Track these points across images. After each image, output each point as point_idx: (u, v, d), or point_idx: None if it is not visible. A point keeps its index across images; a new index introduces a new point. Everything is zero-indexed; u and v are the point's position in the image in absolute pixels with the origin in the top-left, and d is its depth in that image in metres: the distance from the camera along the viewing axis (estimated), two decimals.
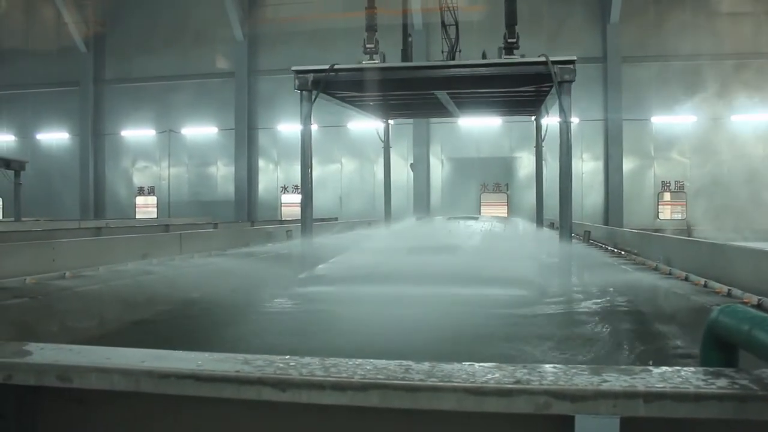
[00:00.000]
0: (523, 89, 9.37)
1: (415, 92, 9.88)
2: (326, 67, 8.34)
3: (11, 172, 20.54)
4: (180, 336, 5.17)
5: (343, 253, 9.32)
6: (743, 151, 22.23)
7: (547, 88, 8.79)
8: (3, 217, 25.36)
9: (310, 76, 8.40)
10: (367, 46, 9.21)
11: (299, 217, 9.66)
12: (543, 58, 7.77)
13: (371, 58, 9.13)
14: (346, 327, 5.37)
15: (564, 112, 7.76)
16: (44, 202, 25.38)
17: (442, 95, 9.85)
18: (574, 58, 7.78)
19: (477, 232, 10.22)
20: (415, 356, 1.89)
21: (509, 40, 8.56)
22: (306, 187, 8.80)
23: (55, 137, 27.61)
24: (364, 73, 8.59)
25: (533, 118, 12.72)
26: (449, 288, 6.34)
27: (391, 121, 13.52)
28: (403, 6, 11.10)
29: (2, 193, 25.03)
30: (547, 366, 1.77)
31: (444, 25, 9.82)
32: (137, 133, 26.89)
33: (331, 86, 8.85)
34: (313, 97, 8.48)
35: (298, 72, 8.49)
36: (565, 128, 7.88)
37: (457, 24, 9.81)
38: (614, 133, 22.97)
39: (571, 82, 7.71)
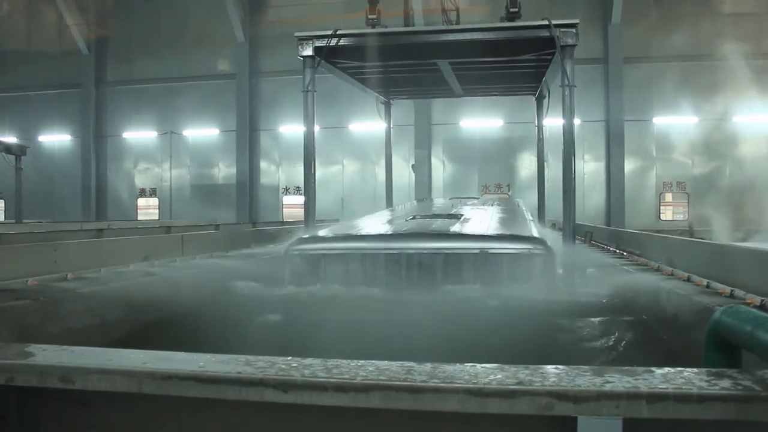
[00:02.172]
0: (524, 59, 9.21)
1: (417, 62, 9.76)
2: (329, 32, 8.30)
3: (12, 157, 20.55)
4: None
5: (339, 222, 9.36)
6: (745, 151, 22.17)
7: (549, 57, 8.68)
8: (5, 218, 25.37)
9: (313, 42, 8.35)
10: (369, 17, 9.09)
11: (301, 218, 9.61)
12: (545, 21, 7.61)
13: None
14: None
15: (567, 77, 7.52)
16: (46, 203, 25.35)
17: (444, 66, 9.75)
18: (577, 21, 7.59)
19: (479, 206, 10.29)
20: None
21: (511, 9, 8.41)
22: (308, 158, 8.64)
23: (56, 139, 27.58)
24: (367, 39, 8.49)
25: (534, 96, 12.64)
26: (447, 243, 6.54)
27: (391, 101, 13.48)
28: (405, 8, 11.10)
29: (4, 194, 25.12)
30: (549, 367, 1.77)
31: (444, 11, 9.75)
32: (139, 135, 26.85)
33: (334, 54, 8.77)
34: (316, 63, 8.42)
35: (300, 38, 8.44)
36: (568, 94, 7.63)
37: (458, 10, 9.74)
38: (616, 134, 22.92)
39: (573, 46, 7.54)
